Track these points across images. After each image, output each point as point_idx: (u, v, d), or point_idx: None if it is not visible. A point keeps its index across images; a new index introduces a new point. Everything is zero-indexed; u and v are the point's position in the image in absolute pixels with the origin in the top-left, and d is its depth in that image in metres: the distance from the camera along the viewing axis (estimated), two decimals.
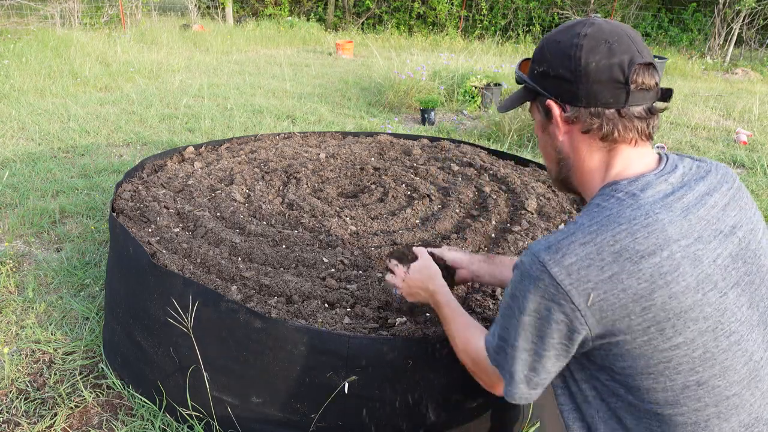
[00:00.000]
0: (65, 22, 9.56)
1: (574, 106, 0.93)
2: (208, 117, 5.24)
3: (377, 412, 1.45)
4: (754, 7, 10.42)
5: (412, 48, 8.99)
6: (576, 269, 0.83)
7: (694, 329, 0.82)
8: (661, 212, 0.85)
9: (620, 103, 0.90)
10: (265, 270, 1.75)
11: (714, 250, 0.85)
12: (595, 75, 0.89)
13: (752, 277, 0.89)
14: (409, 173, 2.61)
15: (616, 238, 0.83)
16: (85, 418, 1.74)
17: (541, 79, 0.96)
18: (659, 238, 0.83)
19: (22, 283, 2.46)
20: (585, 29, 0.92)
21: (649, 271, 0.81)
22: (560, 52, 0.92)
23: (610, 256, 0.82)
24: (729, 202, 0.91)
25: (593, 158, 0.95)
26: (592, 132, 0.93)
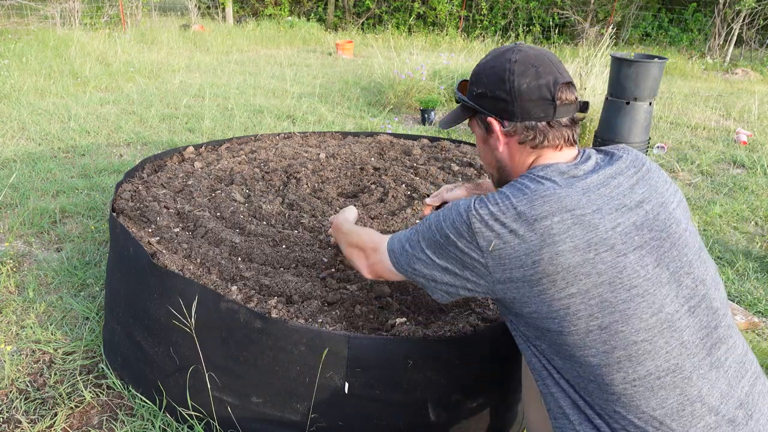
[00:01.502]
0: (65, 22, 9.56)
1: (511, 121, 1.11)
2: (208, 117, 5.24)
3: (377, 412, 1.45)
4: (754, 7, 10.41)
5: (412, 48, 8.98)
6: (486, 220, 1.02)
7: (587, 282, 0.96)
8: (561, 189, 1.02)
9: (549, 117, 1.08)
10: (265, 270, 1.75)
11: (614, 220, 1.00)
12: (527, 94, 1.07)
13: (660, 242, 1.02)
14: (409, 173, 2.61)
15: (518, 203, 1.01)
16: (85, 418, 1.74)
17: (480, 99, 1.14)
18: (553, 206, 0.99)
19: (23, 283, 2.46)
20: (514, 56, 1.09)
21: (540, 231, 0.98)
22: (495, 77, 1.10)
23: (512, 216, 1.00)
24: (636, 182, 1.06)
25: (525, 161, 1.14)
26: (527, 142, 1.11)
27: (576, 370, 1.02)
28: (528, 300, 1.01)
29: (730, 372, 1.00)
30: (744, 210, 3.65)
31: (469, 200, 1.07)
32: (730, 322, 1.05)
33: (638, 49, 10.86)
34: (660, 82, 4.12)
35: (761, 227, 3.45)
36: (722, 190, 4.02)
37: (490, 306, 1.62)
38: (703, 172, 4.43)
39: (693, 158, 4.69)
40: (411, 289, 1.69)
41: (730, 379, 0.99)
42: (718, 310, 1.03)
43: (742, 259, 2.96)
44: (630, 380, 0.96)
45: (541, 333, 1.04)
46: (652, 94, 4.10)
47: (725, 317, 1.04)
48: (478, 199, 1.06)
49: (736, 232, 3.36)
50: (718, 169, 4.54)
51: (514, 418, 1.65)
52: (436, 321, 1.53)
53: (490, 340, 1.47)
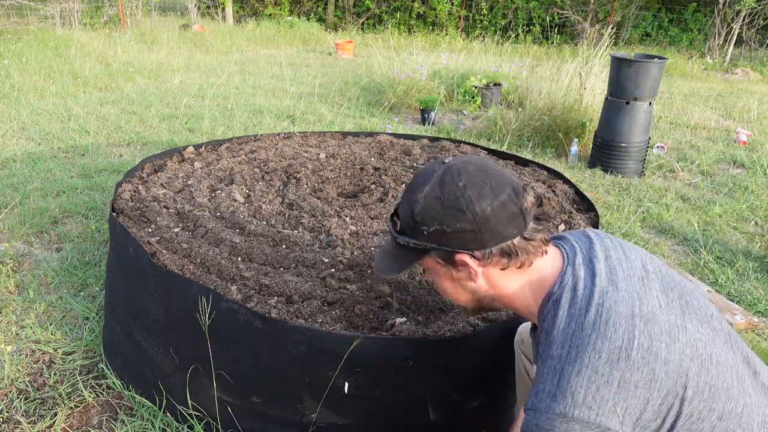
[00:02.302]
0: (65, 22, 9.56)
1: (483, 250, 0.95)
2: (208, 117, 5.24)
3: (377, 412, 1.45)
4: (754, 7, 10.41)
5: (412, 48, 8.98)
6: (591, 398, 0.84)
7: (692, 375, 0.86)
8: (605, 299, 0.90)
9: (522, 229, 0.96)
10: (265, 270, 1.75)
11: (653, 298, 0.91)
12: (494, 217, 0.93)
13: (684, 298, 0.95)
14: (409, 173, 2.60)
15: (597, 349, 0.86)
16: (85, 418, 1.74)
17: (437, 237, 0.96)
18: (623, 324, 0.87)
19: (22, 283, 2.46)
20: (457, 179, 0.94)
21: (639, 357, 0.85)
22: (450, 209, 0.94)
23: (605, 367, 0.85)
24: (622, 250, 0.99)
25: (513, 282, 1.00)
26: (510, 266, 0.98)
27: None
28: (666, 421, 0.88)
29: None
30: (744, 210, 3.65)
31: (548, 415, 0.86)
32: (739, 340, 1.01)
33: (638, 49, 10.87)
34: (660, 82, 4.12)
35: (761, 227, 3.45)
36: (722, 190, 4.02)
37: None
38: (703, 172, 4.43)
39: (693, 158, 4.69)
40: (411, 289, 1.69)
41: None
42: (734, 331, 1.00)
43: (742, 259, 2.96)
44: None
45: None
46: (652, 94, 4.10)
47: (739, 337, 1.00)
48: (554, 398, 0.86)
49: (736, 232, 3.36)
50: (718, 169, 4.54)
51: (513, 418, 1.65)
52: (436, 321, 1.53)
53: (490, 340, 1.47)
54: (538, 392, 0.88)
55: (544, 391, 0.87)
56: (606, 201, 3.73)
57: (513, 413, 1.64)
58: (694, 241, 3.18)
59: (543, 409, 0.86)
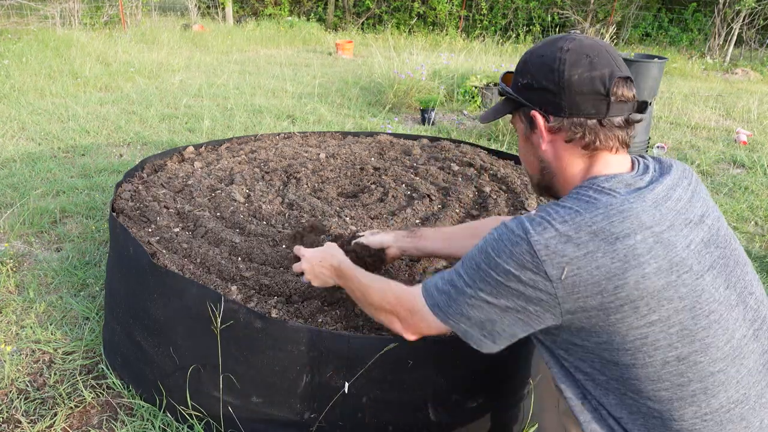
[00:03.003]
0: (65, 22, 9.56)
1: (558, 117, 0.98)
2: (208, 117, 5.24)
3: (377, 412, 1.45)
4: (754, 7, 10.41)
5: (412, 48, 8.98)
6: (554, 243, 0.88)
7: (669, 308, 0.87)
8: (636, 202, 0.90)
9: (601, 114, 0.96)
10: (265, 270, 1.75)
11: (686, 237, 0.91)
12: (578, 87, 0.94)
13: (726, 260, 0.94)
14: (409, 173, 2.61)
15: (593, 220, 0.88)
16: (85, 418, 1.74)
17: (525, 91, 1.01)
18: (633, 223, 0.88)
19: (23, 283, 2.46)
20: (567, 44, 0.97)
21: (623, 251, 0.86)
22: (544, 66, 0.97)
23: (587, 235, 0.87)
24: (692, 195, 0.98)
25: (575, 165, 1.01)
26: (575, 141, 0.98)
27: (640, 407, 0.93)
28: (600, 330, 0.90)
29: None
30: (744, 210, 3.65)
31: (520, 222, 0.92)
32: None
33: (638, 49, 10.86)
34: (660, 82, 4.12)
35: (761, 227, 3.45)
36: (722, 190, 4.02)
37: None
38: (703, 172, 4.44)
39: (693, 158, 4.69)
40: None
41: None
42: None
43: None
44: (701, 415, 0.89)
45: (605, 366, 0.93)
46: (652, 94, 4.10)
47: None
48: (533, 219, 0.92)
49: (736, 232, 3.36)
50: (718, 169, 4.54)
51: (513, 418, 1.65)
52: None
53: None
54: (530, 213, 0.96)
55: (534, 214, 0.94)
56: None
57: (514, 413, 1.64)
58: None
59: (520, 219, 0.93)
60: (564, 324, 0.92)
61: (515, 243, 0.90)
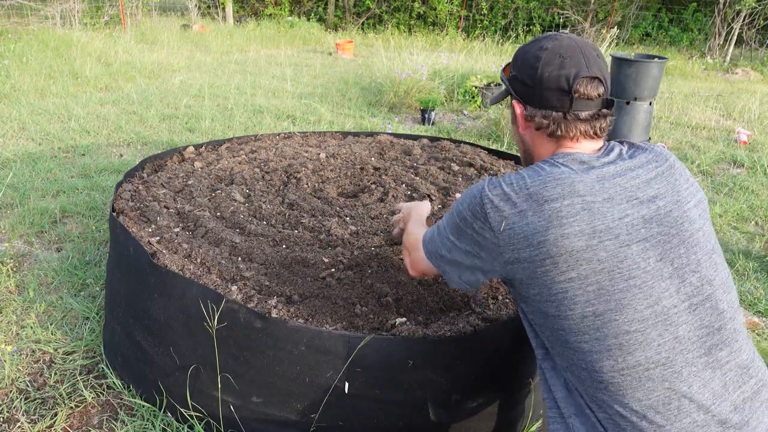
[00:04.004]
0: (65, 22, 9.56)
1: (531, 107, 1.14)
2: (209, 117, 5.25)
3: (377, 412, 1.45)
4: (755, 7, 10.41)
5: (412, 48, 8.98)
6: (497, 200, 1.05)
7: (587, 267, 0.98)
8: (576, 174, 1.04)
9: (565, 108, 1.10)
10: (265, 270, 1.76)
11: (623, 211, 1.01)
12: (547, 83, 1.10)
13: (668, 237, 1.02)
14: (409, 173, 2.61)
15: (532, 184, 1.04)
16: (85, 418, 1.74)
17: (513, 81, 1.19)
18: (565, 190, 1.01)
19: (23, 283, 2.46)
20: (548, 44, 1.12)
21: (549, 212, 1.00)
22: (526, 62, 1.14)
23: (524, 197, 1.03)
24: (655, 176, 1.07)
25: (544, 148, 1.17)
26: (542, 129, 1.14)
27: (570, 357, 1.04)
28: (532, 282, 1.03)
29: (729, 375, 0.99)
30: (744, 210, 3.65)
31: (484, 182, 1.11)
32: (737, 327, 1.04)
33: (638, 49, 10.86)
34: (660, 81, 4.12)
35: (761, 227, 3.45)
36: (722, 190, 4.02)
37: (491, 306, 1.62)
38: (704, 172, 4.43)
39: (693, 158, 4.69)
40: (411, 289, 1.69)
41: (726, 381, 0.99)
42: (725, 312, 1.02)
43: (742, 259, 2.96)
44: (618, 369, 0.98)
45: (543, 318, 1.06)
46: (652, 94, 4.10)
47: (733, 321, 1.03)
48: (492, 180, 1.09)
49: (736, 232, 3.35)
50: (718, 168, 4.54)
51: (514, 418, 1.65)
52: (436, 321, 1.53)
53: (490, 340, 1.47)
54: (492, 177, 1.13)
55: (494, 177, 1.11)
56: None
57: (514, 413, 1.64)
58: None
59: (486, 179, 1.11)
60: (508, 274, 1.08)
61: (474, 196, 1.09)
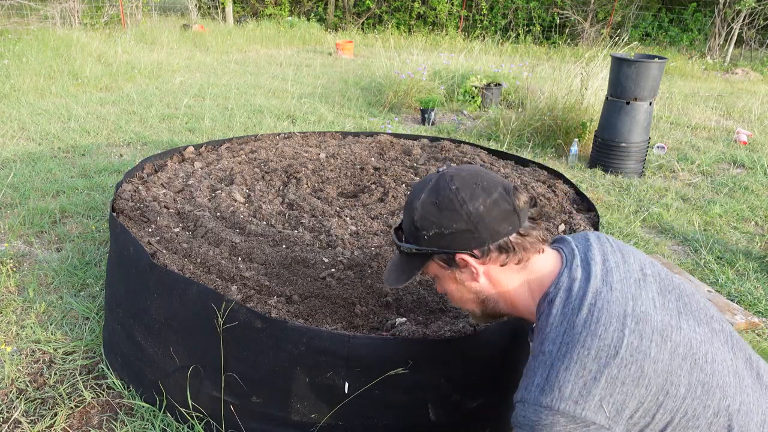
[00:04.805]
0: (65, 22, 9.56)
1: (482, 248, 1.00)
2: (209, 117, 5.25)
3: (377, 412, 1.45)
4: (754, 7, 10.41)
5: (412, 48, 8.99)
6: (578, 393, 0.87)
7: (683, 374, 0.88)
8: (597, 299, 0.92)
9: (516, 227, 1.00)
10: (265, 270, 1.75)
11: (648, 299, 0.94)
12: (488, 214, 0.98)
13: (682, 300, 0.97)
14: (409, 173, 2.60)
15: (586, 346, 0.89)
16: (85, 418, 1.74)
17: (436, 240, 1.01)
18: (613, 323, 0.89)
19: (23, 283, 2.46)
20: (450, 183, 1.00)
21: (628, 354, 0.87)
22: (445, 211, 0.99)
23: (593, 363, 0.87)
24: (622, 254, 1.01)
25: (513, 280, 1.04)
26: (509, 262, 1.01)
27: None
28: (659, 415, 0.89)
29: None
30: (744, 210, 3.65)
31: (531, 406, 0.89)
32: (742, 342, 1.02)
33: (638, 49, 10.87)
34: (660, 82, 4.12)
35: (761, 227, 3.45)
36: (722, 190, 4.02)
37: None
38: (703, 172, 4.43)
39: (693, 158, 4.69)
40: (411, 289, 1.69)
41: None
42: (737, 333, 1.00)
43: (742, 259, 2.96)
44: None
45: None
46: (652, 94, 4.10)
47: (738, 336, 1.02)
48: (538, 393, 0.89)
49: (736, 232, 3.35)
50: (718, 169, 4.54)
51: None
52: (436, 321, 1.53)
53: (489, 340, 1.47)
54: (527, 385, 0.92)
55: (533, 384, 0.91)
56: (606, 201, 3.73)
57: None
58: (694, 241, 3.18)
59: (531, 401, 0.90)
60: None
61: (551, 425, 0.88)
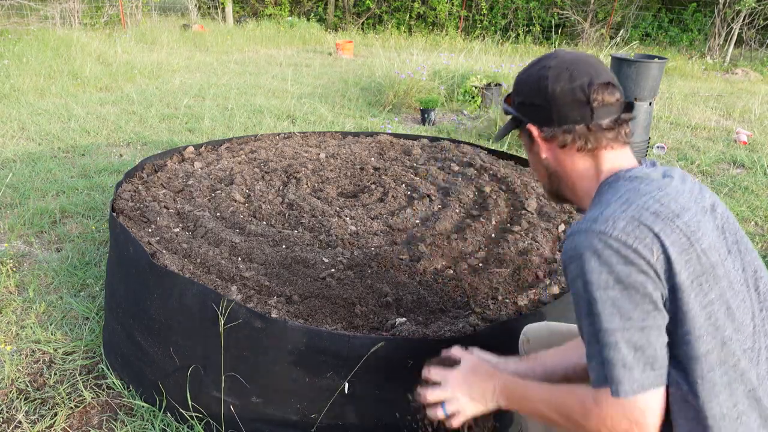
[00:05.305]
0: (65, 22, 9.56)
1: (549, 127, 1.08)
2: (208, 117, 5.25)
3: (377, 412, 1.45)
4: (754, 7, 10.41)
5: (412, 48, 8.99)
6: (631, 229, 0.91)
7: (717, 287, 0.91)
8: (668, 187, 0.98)
9: (587, 120, 1.05)
10: (265, 270, 1.76)
11: (709, 222, 0.97)
12: (562, 98, 1.05)
13: (738, 245, 1.00)
14: (409, 173, 2.61)
15: (646, 203, 0.94)
16: (85, 418, 1.74)
17: (521, 108, 1.13)
18: (678, 203, 0.94)
19: (23, 283, 2.46)
20: (550, 62, 1.09)
21: (683, 227, 0.91)
22: (532, 85, 1.09)
23: (650, 216, 0.92)
24: (700, 188, 1.05)
25: (578, 165, 1.09)
26: (569, 146, 1.08)
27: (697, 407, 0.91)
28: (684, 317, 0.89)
29: None
30: (744, 210, 3.65)
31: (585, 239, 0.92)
32: None
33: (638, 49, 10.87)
34: (660, 82, 4.12)
35: (761, 227, 3.45)
36: (722, 190, 4.02)
37: (491, 306, 1.62)
38: (703, 172, 4.43)
39: (693, 158, 4.69)
40: (411, 289, 1.69)
41: None
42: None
43: None
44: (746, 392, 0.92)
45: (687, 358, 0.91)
46: (652, 94, 4.10)
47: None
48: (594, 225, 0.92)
49: None
50: (718, 169, 4.54)
51: (513, 418, 1.65)
52: (436, 321, 1.53)
53: (490, 340, 1.47)
54: (581, 221, 0.96)
55: (588, 218, 0.96)
56: None
57: (514, 413, 1.64)
58: None
59: (584, 228, 0.94)
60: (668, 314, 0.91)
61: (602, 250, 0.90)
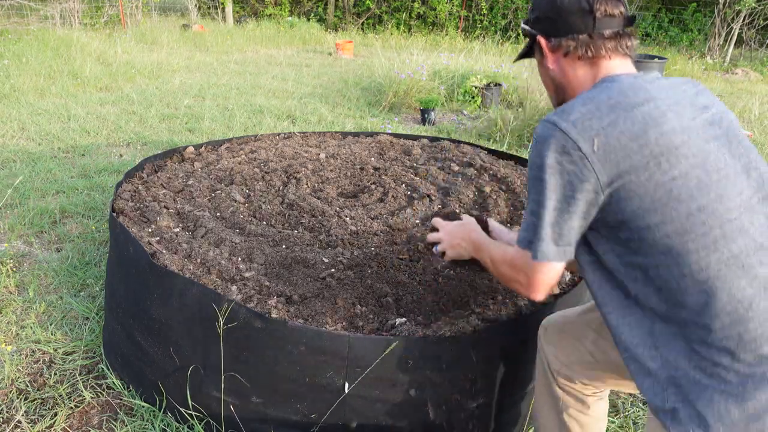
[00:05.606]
0: (65, 22, 9.56)
1: (556, 37, 1.17)
2: (209, 117, 5.25)
3: (377, 412, 1.45)
4: (754, 7, 10.41)
5: (412, 48, 8.99)
6: (580, 122, 1.01)
7: (686, 164, 0.99)
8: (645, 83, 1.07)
9: (590, 29, 1.13)
10: (265, 270, 1.76)
11: (692, 113, 1.04)
12: (568, 8, 1.14)
13: (729, 139, 1.06)
14: (409, 173, 2.61)
15: (610, 96, 1.03)
16: (85, 418, 1.74)
17: (535, 23, 1.22)
18: (646, 94, 1.04)
19: (23, 283, 2.46)
20: None
21: (641, 115, 1.01)
22: None
23: (607, 108, 1.02)
24: (698, 92, 1.12)
25: (579, 72, 1.17)
26: (571, 53, 1.16)
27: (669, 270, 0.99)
28: (633, 194, 0.99)
29: None
30: None
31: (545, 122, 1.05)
32: None
33: (638, 49, 10.86)
34: None
35: None
36: None
37: (490, 306, 1.62)
38: None
39: None
40: (411, 289, 1.69)
41: None
42: None
43: None
44: (724, 260, 0.97)
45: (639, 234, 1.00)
46: None
47: None
48: (554, 114, 1.05)
49: None
50: None
51: (514, 418, 1.65)
52: (436, 321, 1.53)
53: (490, 340, 1.47)
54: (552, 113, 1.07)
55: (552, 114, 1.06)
56: None
57: (517, 411, 1.64)
58: None
59: (545, 118, 1.06)
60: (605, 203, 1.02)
61: (549, 137, 1.03)
